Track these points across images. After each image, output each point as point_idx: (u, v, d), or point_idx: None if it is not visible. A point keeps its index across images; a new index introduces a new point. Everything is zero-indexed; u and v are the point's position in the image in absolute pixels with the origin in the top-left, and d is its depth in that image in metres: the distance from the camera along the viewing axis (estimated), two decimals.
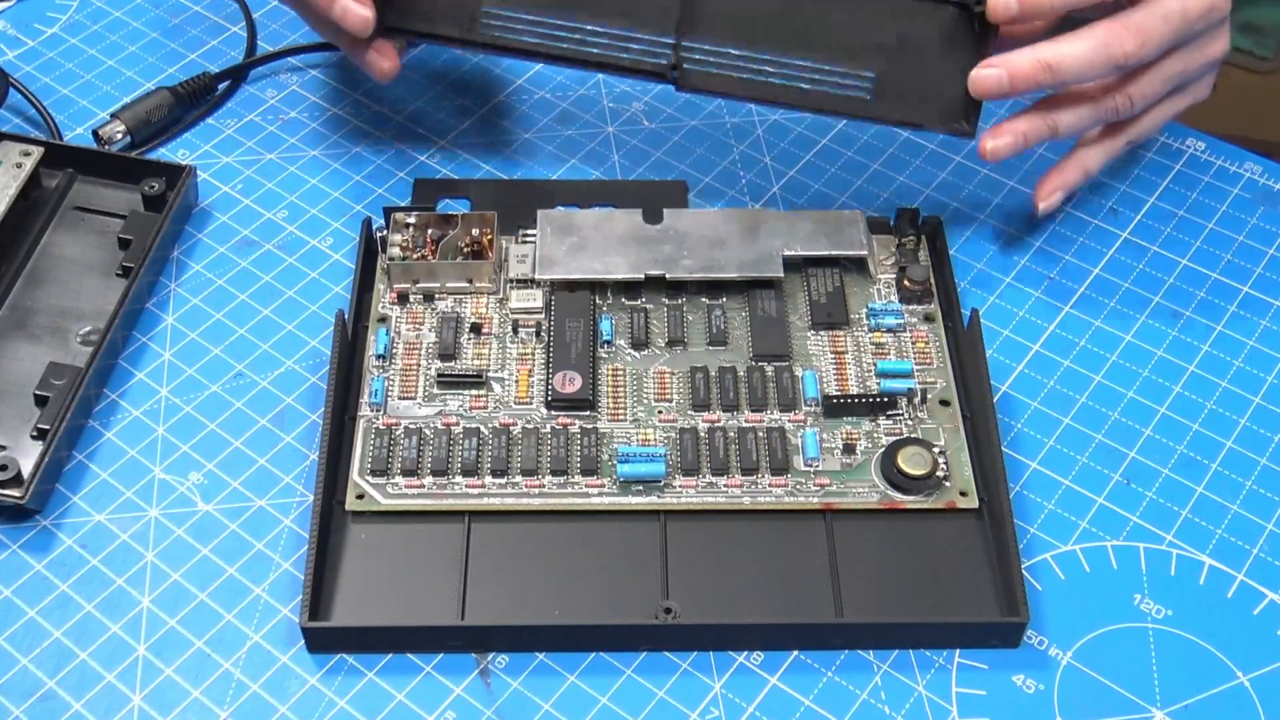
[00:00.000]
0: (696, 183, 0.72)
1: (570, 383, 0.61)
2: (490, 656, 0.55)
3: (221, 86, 0.76)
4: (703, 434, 0.60)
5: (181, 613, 0.56)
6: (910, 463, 0.58)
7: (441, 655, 0.55)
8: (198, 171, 0.69)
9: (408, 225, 0.65)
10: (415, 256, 0.65)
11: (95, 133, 0.71)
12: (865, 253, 0.65)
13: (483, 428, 0.60)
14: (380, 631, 0.55)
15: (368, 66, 0.67)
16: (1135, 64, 0.61)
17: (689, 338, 0.64)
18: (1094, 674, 0.55)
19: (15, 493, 0.57)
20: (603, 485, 0.59)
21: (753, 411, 0.61)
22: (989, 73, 0.60)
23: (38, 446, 0.59)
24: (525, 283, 0.65)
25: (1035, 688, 0.54)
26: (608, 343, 0.63)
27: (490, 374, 0.62)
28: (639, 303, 0.65)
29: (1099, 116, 0.64)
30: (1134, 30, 0.59)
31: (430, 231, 0.65)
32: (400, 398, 0.61)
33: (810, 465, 0.59)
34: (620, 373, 0.62)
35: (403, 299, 0.65)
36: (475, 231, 0.65)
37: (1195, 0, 0.60)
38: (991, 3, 0.60)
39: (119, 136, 0.71)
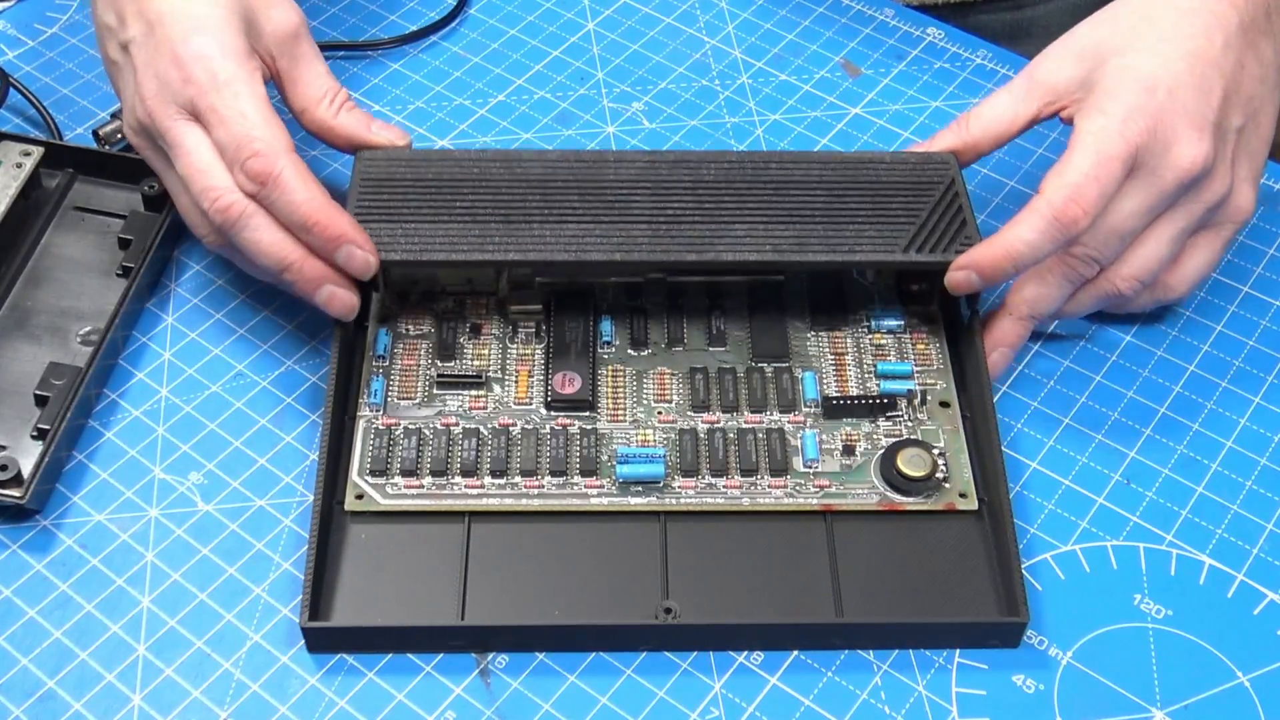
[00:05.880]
0: None
1: (570, 383, 0.61)
2: (490, 656, 0.55)
3: None
4: (702, 435, 0.60)
5: (181, 613, 0.56)
6: (910, 464, 0.58)
7: (441, 655, 0.55)
8: None
9: None
10: None
11: (95, 133, 0.71)
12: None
13: (482, 428, 0.60)
14: (380, 632, 0.55)
15: (328, 304, 0.59)
16: (1091, 221, 0.58)
17: (689, 338, 0.64)
18: (1094, 674, 0.55)
19: (15, 493, 0.57)
20: (602, 486, 0.58)
21: (752, 412, 0.61)
22: (959, 275, 0.60)
23: (38, 446, 0.59)
24: (525, 283, 0.65)
25: (1035, 688, 0.54)
26: (608, 343, 0.63)
27: (490, 374, 0.62)
28: (639, 303, 0.65)
29: (1070, 283, 0.61)
30: (1074, 196, 0.57)
31: None
32: (400, 398, 0.61)
33: (810, 466, 0.59)
34: (620, 373, 0.62)
35: (403, 299, 0.65)
36: None
37: (1130, 138, 0.57)
38: (950, 280, 0.60)
39: (119, 137, 0.71)
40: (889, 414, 0.61)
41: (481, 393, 0.61)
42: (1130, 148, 0.58)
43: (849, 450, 0.60)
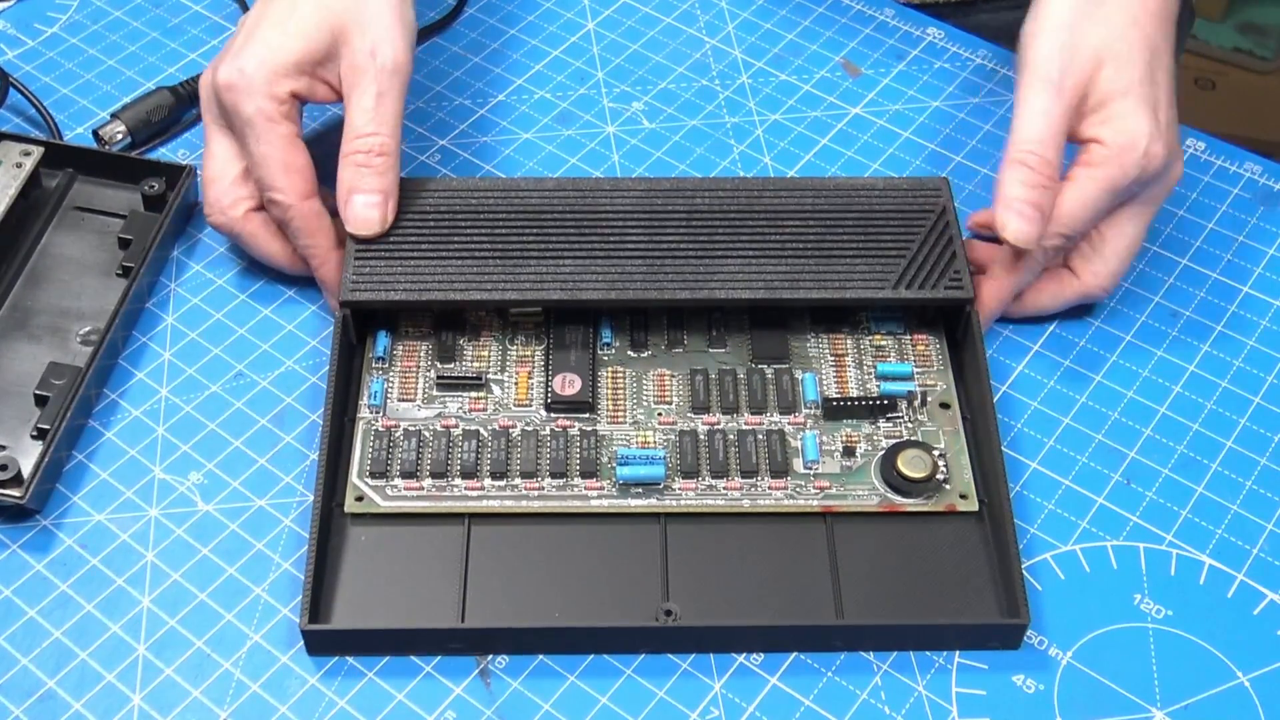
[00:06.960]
0: None
1: (570, 385, 0.61)
2: (490, 657, 0.55)
3: None
4: (702, 436, 0.60)
5: (181, 613, 0.56)
6: (910, 466, 0.58)
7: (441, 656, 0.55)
8: (198, 171, 0.69)
9: None
10: None
11: (95, 133, 0.71)
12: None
13: (482, 430, 0.60)
14: (380, 634, 0.55)
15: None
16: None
17: (688, 340, 0.64)
18: (1094, 674, 0.55)
19: (15, 493, 0.57)
20: (602, 488, 0.58)
21: (752, 414, 0.61)
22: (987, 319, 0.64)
23: (38, 446, 0.59)
24: None
25: (1035, 688, 0.55)
26: (607, 344, 0.63)
27: (490, 376, 0.62)
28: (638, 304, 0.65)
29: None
30: (1066, 230, 0.61)
31: None
32: (400, 399, 0.61)
33: (810, 468, 0.59)
34: (620, 375, 0.62)
35: None
36: None
37: (1129, 184, 0.60)
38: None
39: (119, 136, 0.71)
40: (889, 415, 0.61)
41: (481, 394, 0.61)
42: (1129, 191, 0.61)
43: (849, 452, 0.60)
